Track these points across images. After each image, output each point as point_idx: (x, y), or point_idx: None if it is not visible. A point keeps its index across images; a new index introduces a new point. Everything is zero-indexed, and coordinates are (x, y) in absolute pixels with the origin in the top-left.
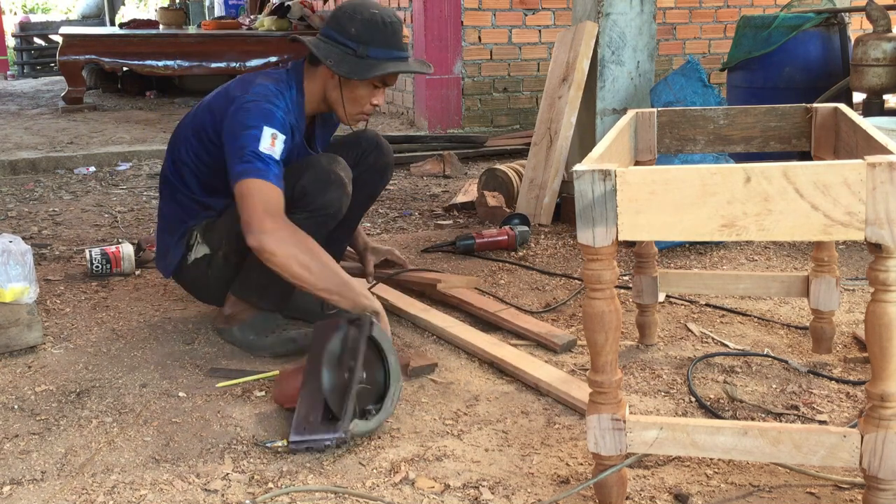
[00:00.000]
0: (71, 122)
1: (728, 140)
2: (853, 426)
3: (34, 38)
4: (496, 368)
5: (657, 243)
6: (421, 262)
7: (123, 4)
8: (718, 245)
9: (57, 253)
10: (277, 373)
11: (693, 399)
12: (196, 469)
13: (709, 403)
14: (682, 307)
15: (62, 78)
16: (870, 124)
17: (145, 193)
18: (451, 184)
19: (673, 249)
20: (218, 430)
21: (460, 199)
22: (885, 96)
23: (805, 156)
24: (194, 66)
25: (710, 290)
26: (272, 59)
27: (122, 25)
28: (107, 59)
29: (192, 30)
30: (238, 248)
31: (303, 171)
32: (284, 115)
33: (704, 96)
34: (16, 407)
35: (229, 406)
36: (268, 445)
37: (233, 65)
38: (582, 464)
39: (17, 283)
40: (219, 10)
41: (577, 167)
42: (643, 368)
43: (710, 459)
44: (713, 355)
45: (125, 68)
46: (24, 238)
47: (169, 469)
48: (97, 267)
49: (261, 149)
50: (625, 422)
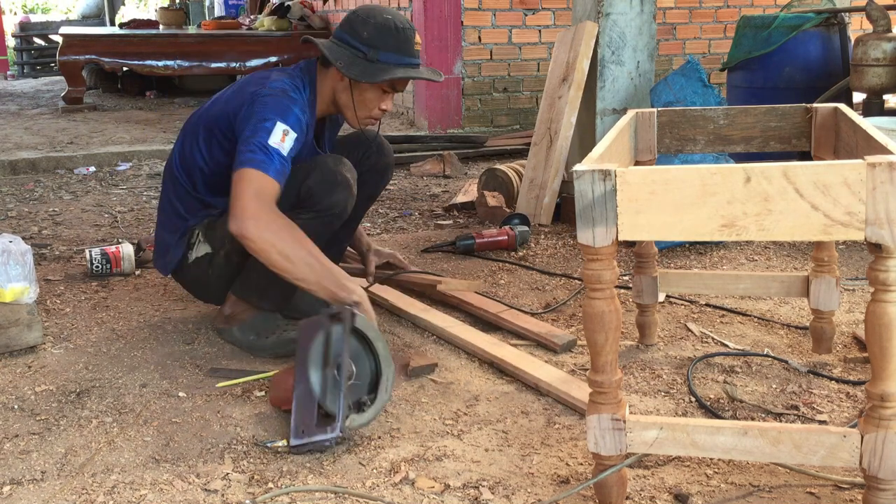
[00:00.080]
0: (71, 122)
1: (728, 140)
2: (853, 426)
3: (34, 38)
4: (496, 368)
5: (657, 243)
6: (421, 262)
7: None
8: (718, 245)
9: (57, 253)
10: (277, 373)
11: (693, 399)
12: (196, 469)
13: (709, 403)
14: (682, 307)
15: (62, 78)
16: (870, 124)
17: (145, 193)
18: (451, 184)
19: (673, 249)
20: (218, 430)
21: (460, 199)
22: (885, 96)
23: (805, 156)
24: (194, 66)
25: (710, 290)
26: (272, 59)
27: (122, 25)
28: (107, 59)
29: (192, 30)
30: (240, 247)
31: (310, 172)
32: (300, 113)
33: (704, 96)
34: (16, 407)
35: (229, 406)
36: (268, 445)
37: (233, 65)
38: (582, 464)
39: (17, 283)
40: (219, 10)
41: (577, 167)
42: (643, 368)
43: (710, 459)
44: (713, 355)
45: (125, 68)
46: (24, 238)
47: (169, 469)
48: (97, 267)
49: (270, 142)
50: (625, 422)
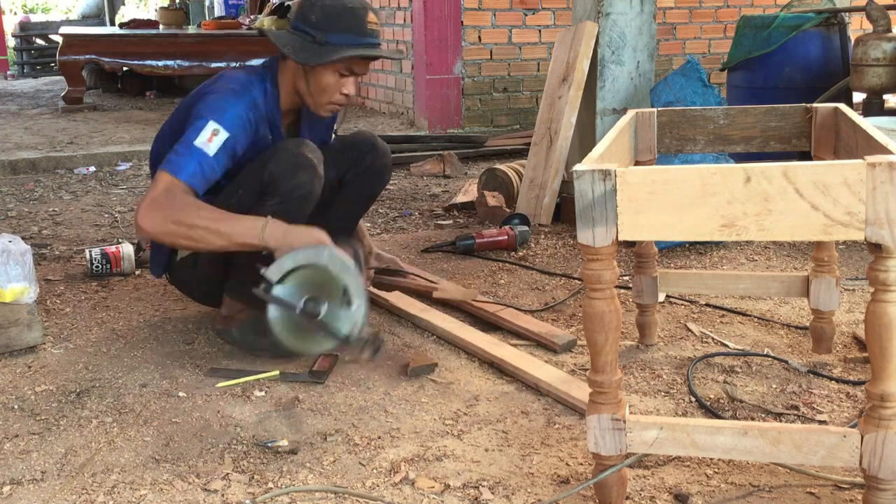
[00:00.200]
0: (71, 122)
1: (728, 140)
2: (853, 426)
3: (34, 38)
4: (496, 368)
5: (657, 243)
6: (421, 261)
7: (123, 4)
8: (718, 245)
9: (57, 253)
10: (277, 373)
11: (693, 399)
12: (196, 469)
13: (709, 403)
14: (682, 307)
15: (62, 78)
16: (870, 124)
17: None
18: (451, 184)
19: (673, 249)
20: (218, 430)
21: (460, 199)
22: (885, 96)
23: (805, 156)
24: (194, 66)
25: (710, 290)
26: None
27: (122, 25)
28: (107, 59)
29: (192, 30)
30: None
31: (270, 158)
32: (247, 110)
33: (704, 96)
34: (16, 407)
35: (229, 406)
36: (268, 445)
37: (233, 65)
38: (582, 464)
39: (17, 283)
40: (219, 10)
41: (577, 167)
42: (643, 368)
43: (710, 459)
44: (713, 355)
45: (125, 68)
46: (24, 238)
47: (169, 469)
48: (97, 267)
49: (196, 142)
50: (625, 422)
